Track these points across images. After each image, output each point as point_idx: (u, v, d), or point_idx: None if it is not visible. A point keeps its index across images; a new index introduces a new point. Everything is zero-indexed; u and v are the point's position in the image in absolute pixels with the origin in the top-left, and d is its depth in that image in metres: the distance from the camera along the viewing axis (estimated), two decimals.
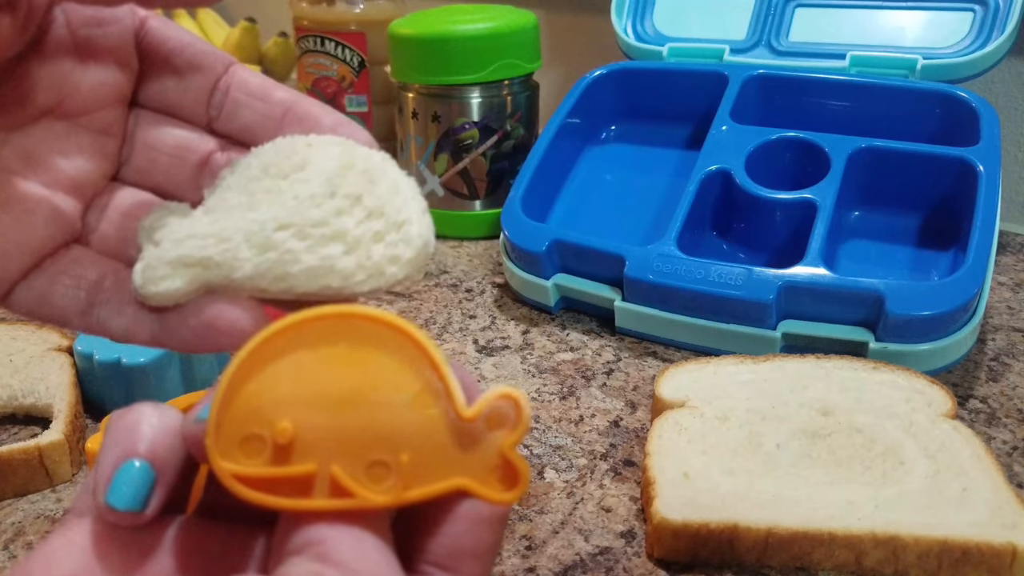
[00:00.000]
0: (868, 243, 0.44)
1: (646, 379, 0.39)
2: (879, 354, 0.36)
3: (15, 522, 0.30)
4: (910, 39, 0.47)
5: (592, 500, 0.31)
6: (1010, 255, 0.50)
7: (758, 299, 0.38)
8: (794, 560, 0.27)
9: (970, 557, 0.26)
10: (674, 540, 0.27)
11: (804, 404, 0.33)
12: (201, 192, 0.19)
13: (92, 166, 0.18)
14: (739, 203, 0.44)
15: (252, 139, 0.19)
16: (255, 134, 0.19)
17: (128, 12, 0.18)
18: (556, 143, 0.49)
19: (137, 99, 0.19)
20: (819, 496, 0.28)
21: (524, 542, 0.29)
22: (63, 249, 0.18)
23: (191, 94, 0.19)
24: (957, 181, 0.42)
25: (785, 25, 0.51)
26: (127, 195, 0.19)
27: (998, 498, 0.28)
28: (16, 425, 0.36)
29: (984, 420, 0.35)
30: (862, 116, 0.46)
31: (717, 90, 0.48)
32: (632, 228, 0.47)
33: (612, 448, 0.34)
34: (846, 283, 0.37)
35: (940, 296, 0.36)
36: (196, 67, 0.19)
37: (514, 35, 0.51)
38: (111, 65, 0.18)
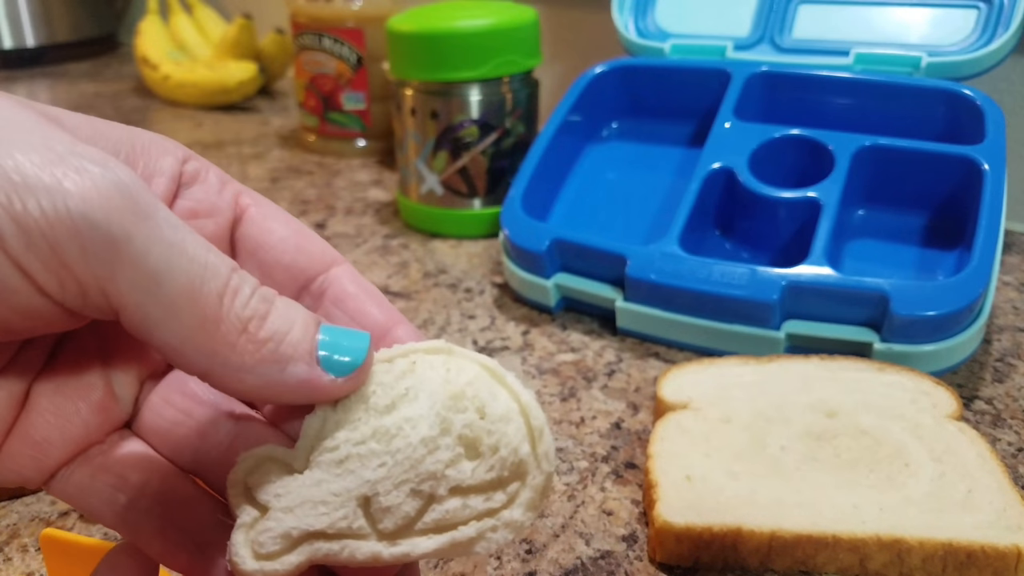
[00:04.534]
0: (873, 242, 0.43)
1: (648, 380, 0.38)
2: (884, 355, 0.36)
3: (10, 524, 0.30)
4: (915, 36, 0.47)
5: (593, 503, 0.31)
6: (1016, 255, 0.50)
7: (762, 299, 0.37)
8: (798, 564, 0.27)
9: (975, 560, 0.26)
10: (676, 544, 0.27)
11: (808, 406, 0.32)
12: None
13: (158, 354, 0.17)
14: (742, 202, 0.44)
15: None
16: None
17: (228, 202, 0.18)
18: (556, 141, 0.48)
19: None
20: (823, 499, 0.28)
21: (524, 546, 0.29)
22: (113, 436, 0.17)
23: None
24: (962, 180, 0.41)
25: (789, 22, 0.50)
26: (176, 381, 0.18)
27: (1003, 500, 0.27)
28: None
29: (990, 421, 0.35)
30: (866, 114, 0.45)
31: (720, 87, 0.48)
32: (634, 227, 0.47)
33: (613, 450, 0.34)
34: (850, 283, 0.37)
35: (945, 296, 0.35)
36: (285, 267, 0.18)
37: (514, 31, 0.51)
38: None
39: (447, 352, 0.17)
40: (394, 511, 0.16)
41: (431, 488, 0.16)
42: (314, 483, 0.16)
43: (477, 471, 0.16)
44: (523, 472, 0.16)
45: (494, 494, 0.16)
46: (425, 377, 0.16)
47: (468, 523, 0.16)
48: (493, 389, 0.16)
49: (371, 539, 0.16)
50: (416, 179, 0.55)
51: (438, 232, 0.55)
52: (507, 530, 0.16)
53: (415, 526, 0.16)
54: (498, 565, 0.28)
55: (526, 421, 0.16)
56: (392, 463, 0.16)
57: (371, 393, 0.16)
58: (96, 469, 0.17)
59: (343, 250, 0.53)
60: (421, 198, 0.55)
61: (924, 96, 0.44)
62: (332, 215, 0.58)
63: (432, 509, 0.16)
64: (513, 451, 0.16)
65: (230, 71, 0.83)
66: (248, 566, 0.15)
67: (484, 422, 0.16)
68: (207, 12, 0.96)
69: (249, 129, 0.79)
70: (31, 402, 0.16)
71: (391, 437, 0.16)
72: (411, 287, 0.48)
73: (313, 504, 0.16)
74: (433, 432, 0.16)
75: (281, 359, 0.15)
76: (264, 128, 0.79)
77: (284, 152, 0.72)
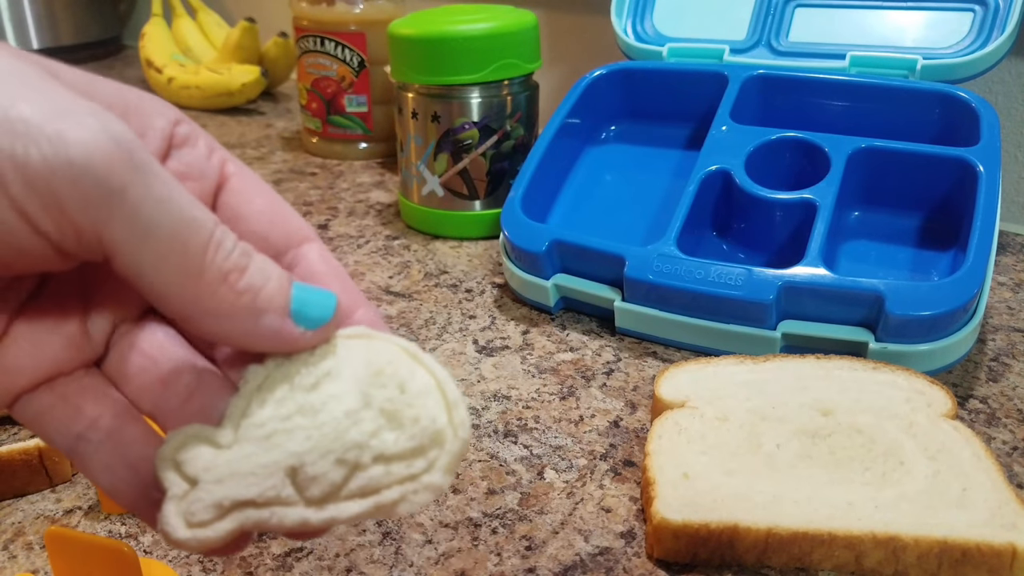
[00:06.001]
0: (868, 243, 0.44)
1: (646, 379, 0.39)
2: (879, 354, 0.36)
3: (15, 522, 0.30)
4: (910, 39, 0.47)
5: (592, 500, 0.31)
6: (1010, 255, 0.50)
7: (758, 299, 0.38)
8: (794, 561, 0.27)
9: (970, 558, 0.26)
10: (674, 540, 0.27)
11: (804, 404, 0.33)
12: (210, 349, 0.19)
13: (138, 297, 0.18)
14: (739, 203, 0.44)
15: None
16: None
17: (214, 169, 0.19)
18: (556, 143, 0.49)
19: None
20: (819, 496, 0.28)
21: (524, 542, 0.29)
22: (80, 371, 0.18)
23: None
24: (957, 181, 0.42)
25: (785, 25, 0.51)
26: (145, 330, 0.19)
27: (998, 498, 0.28)
28: (16, 425, 0.36)
29: (984, 420, 0.35)
30: (862, 116, 0.46)
31: (717, 90, 0.48)
32: (632, 228, 0.47)
33: (612, 448, 0.34)
34: (846, 283, 0.37)
35: (940, 296, 0.36)
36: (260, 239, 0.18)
37: (514, 35, 0.51)
38: None
39: (367, 336, 0.18)
40: (320, 479, 0.16)
41: (355, 457, 0.16)
42: (243, 456, 0.17)
43: (399, 440, 0.17)
44: (441, 440, 0.17)
45: (415, 461, 0.17)
46: (347, 358, 0.17)
47: (391, 487, 0.17)
48: (411, 367, 0.17)
49: (299, 506, 0.16)
50: (417, 181, 0.55)
51: (439, 233, 0.55)
52: (427, 492, 0.17)
53: (341, 492, 0.17)
54: (498, 561, 0.28)
55: (443, 395, 0.17)
56: (318, 436, 0.16)
57: (295, 373, 0.17)
58: (57, 397, 0.17)
59: (346, 251, 0.53)
60: (422, 200, 0.55)
61: (919, 98, 0.45)
62: (335, 216, 0.59)
63: (356, 476, 0.17)
64: (432, 420, 0.17)
65: (234, 74, 0.83)
66: (180, 534, 0.16)
67: (404, 396, 0.17)
68: (211, 15, 0.97)
69: (253, 131, 0.79)
70: (9, 332, 0.17)
71: (316, 412, 0.17)
72: (412, 287, 0.48)
73: (242, 475, 0.16)
74: (356, 406, 0.17)
75: (256, 310, 0.16)
76: (267, 130, 0.80)
77: (287, 154, 0.73)
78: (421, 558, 0.28)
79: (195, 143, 0.18)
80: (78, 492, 0.32)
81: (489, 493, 0.31)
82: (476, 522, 0.30)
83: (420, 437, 0.17)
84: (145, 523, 0.17)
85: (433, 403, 0.17)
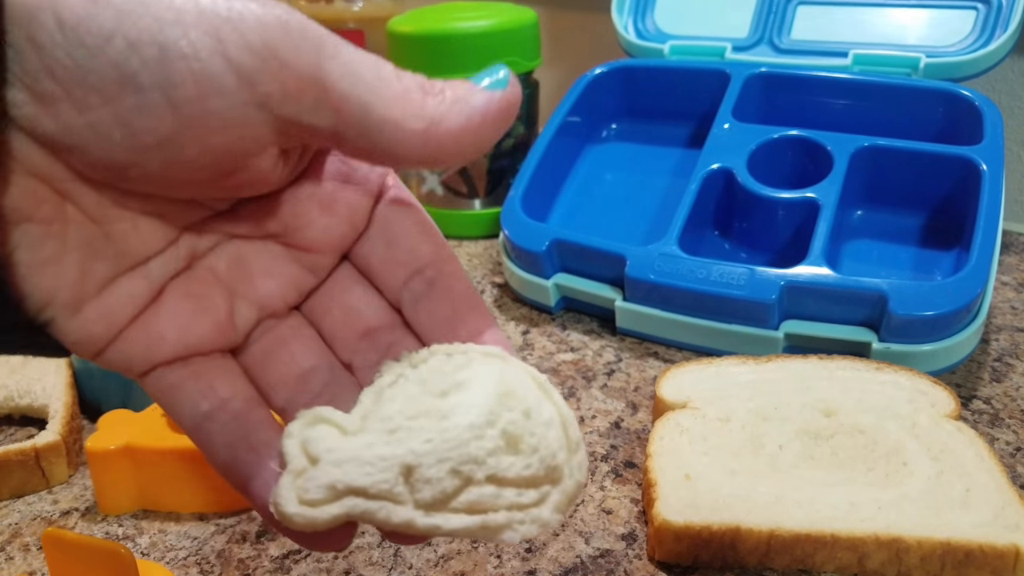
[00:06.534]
0: (871, 243, 0.44)
1: (647, 380, 0.39)
2: (882, 354, 0.36)
3: (12, 523, 0.30)
4: (913, 37, 0.47)
5: (593, 502, 0.31)
6: (1014, 255, 0.50)
7: (760, 299, 0.37)
8: (796, 562, 0.27)
9: (973, 559, 0.26)
10: (676, 542, 0.27)
11: (806, 405, 0.32)
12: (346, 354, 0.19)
13: (284, 293, 0.19)
14: (741, 202, 0.44)
15: (426, 336, 0.19)
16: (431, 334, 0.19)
17: (377, 177, 0.19)
18: (556, 142, 0.48)
19: (350, 252, 0.20)
20: (821, 497, 0.28)
21: (524, 544, 0.29)
22: (216, 354, 0.19)
23: (393, 271, 0.19)
24: (960, 180, 0.41)
25: (787, 23, 0.51)
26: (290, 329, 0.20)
27: (1001, 499, 0.27)
28: (12, 426, 0.36)
29: (988, 421, 0.35)
30: (865, 115, 0.45)
31: (719, 88, 0.48)
32: (633, 227, 0.47)
33: (613, 449, 0.34)
34: (849, 283, 0.37)
35: (943, 296, 0.35)
36: (409, 249, 0.19)
37: (513, 33, 0.51)
38: (344, 220, 0.19)
39: (502, 358, 0.18)
40: (433, 484, 0.16)
41: (470, 471, 0.17)
42: (364, 445, 0.17)
43: (515, 466, 0.17)
44: (557, 477, 0.17)
45: (527, 491, 0.17)
46: (479, 373, 0.18)
47: (499, 511, 0.17)
48: (539, 398, 0.18)
49: (408, 506, 0.17)
50: (417, 179, 0.55)
51: None
52: (534, 525, 0.17)
53: (450, 503, 0.17)
54: (498, 564, 0.28)
55: (565, 432, 0.17)
56: (439, 440, 0.17)
57: (429, 377, 0.18)
58: (191, 374, 0.18)
59: None
60: (422, 198, 0.55)
61: (922, 97, 0.44)
62: None
63: (468, 491, 0.17)
64: (551, 455, 0.17)
65: None
66: (290, 508, 0.16)
67: (528, 423, 0.17)
68: None
69: None
70: (161, 299, 0.18)
71: (441, 417, 0.17)
72: None
73: (360, 463, 0.16)
74: (480, 420, 0.17)
75: (462, 98, 0.17)
76: None
77: None
78: (420, 560, 0.28)
79: None
80: (75, 493, 0.32)
81: None
82: None
83: (536, 468, 0.17)
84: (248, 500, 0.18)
85: (555, 437, 0.17)
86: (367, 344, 0.19)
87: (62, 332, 0.17)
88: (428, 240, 0.20)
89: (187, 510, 0.30)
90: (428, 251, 0.19)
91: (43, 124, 0.15)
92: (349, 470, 0.16)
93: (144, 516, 0.30)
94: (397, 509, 0.16)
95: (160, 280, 0.18)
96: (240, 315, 0.19)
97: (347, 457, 0.16)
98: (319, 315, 0.20)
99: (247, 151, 0.16)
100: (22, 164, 0.15)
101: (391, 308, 0.20)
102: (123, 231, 0.17)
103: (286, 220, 0.19)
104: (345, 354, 0.20)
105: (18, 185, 0.15)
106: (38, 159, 0.15)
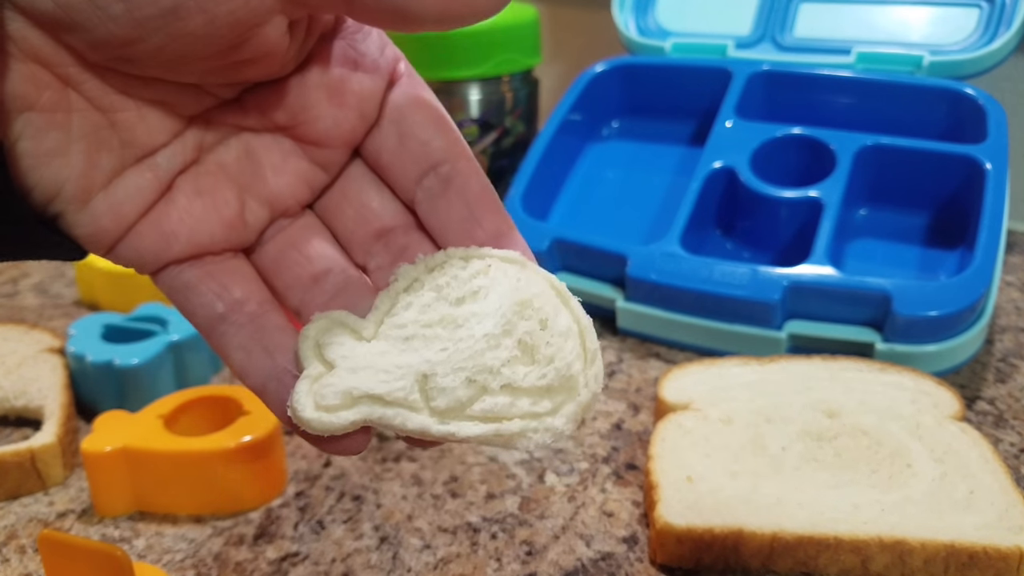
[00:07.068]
0: (874, 242, 0.43)
1: (649, 381, 0.38)
2: (886, 355, 0.36)
3: (7, 525, 0.30)
4: (916, 35, 0.47)
5: (594, 504, 0.30)
6: (1018, 254, 0.50)
7: (763, 299, 0.37)
8: (799, 565, 0.27)
9: (977, 561, 0.26)
10: (677, 545, 0.27)
11: (809, 406, 0.32)
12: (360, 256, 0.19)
13: (295, 191, 0.19)
14: (744, 201, 0.44)
15: (441, 238, 0.19)
16: (446, 235, 0.19)
17: (387, 64, 0.19)
18: (557, 140, 0.48)
19: (361, 146, 0.19)
20: (824, 499, 0.28)
21: (524, 547, 0.28)
22: (228, 253, 0.18)
23: (407, 167, 0.19)
24: (964, 179, 0.41)
25: (790, 20, 0.50)
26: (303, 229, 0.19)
27: (1006, 501, 0.27)
28: (7, 427, 0.35)
29: (992, 422, 0.35)
30: (868, 113, 0.45)
31: (721, 86, 0.48)
32: (634, 227, 0.46)
33: (614, 451, 0.33)
34: (852, 283, 0.37)
35: (947, 296, 0.35)
36: (423, 142, 0.19)
37: (514, 30, 0.51)
38: (353, 110, 0.18)
39: (520, 264, 0.18)
40: (448, 393, 0.16)
41: (485, 380, 0.17)
42: (379, 352, 0.17)
43: (530, 376, 0.17)
44: (572, 387, 0.17)
45: (541, 400, 0.17)
46: (497, 280, 0.17)
47: (512, 419, 0.17)
48: (557, 306, 0.17)
49: (423, 413, 0.17)
50: None
51: None
52: (547, 434, 0.17)
53: (465, 411, 0.17)
54: (498, 567, 0.28)
55: (582, 342, 0.17)
56: (454, 349, 0.17)
57: (445, 284, 0.17)
58: (205, 274, 0.18)
59: None
60: None
61: (926, 95, 0.44)
62: None
63: (483, 400, 0.17)
64: (567, 365, 0.17)
65: None
66: (307, 413, 0.16)
67: (544, 333, 0.17)
68: None
69: None
70: (171, 195, 0.18)
71: (457, 326, 0.17)
72: None
73: (376, 371, 0.16)
74: (496, 331, 0.17)
75: None
76: None
77: None
78: (419, 563, 0.28)
79: (368, 32, 0.18)
80: (71, 495, 0.31)
81: (489, 497, 0.31)
82: (475, 527, 0.29)
83: (551, 378, 0.17)
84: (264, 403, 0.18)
85: (571, 348, 0.17)
86: (381, 246, 0.19)
87: (71, 226, 0.16)
88: (442, 134, 0.19)
89: (184, 512, 0.30)
90: (442, 145, 0.19)
91: (40, 2, 0.14)
92: (365, 377, 0.16)
93: (140, 518, 0.30)
94: (412, 416, 0.16)
95: (168, 173, 0.17)
96: (251, 212, 0.18)
97: (363, 364, 0.17)
98: (332, 215, 0.19)
99: (252, 21, 0.15)
100: (21, 48, 0.15)
101: (405, 208, 0.19)
102: (129, 120, 0.16)
103: (294, 110, 0.18)
104: (359, 255, 0.19)
105: (18, 71, 0.15)
106: (38, 42, 0.15)
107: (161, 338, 0.36)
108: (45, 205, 0.16)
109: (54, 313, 0.46)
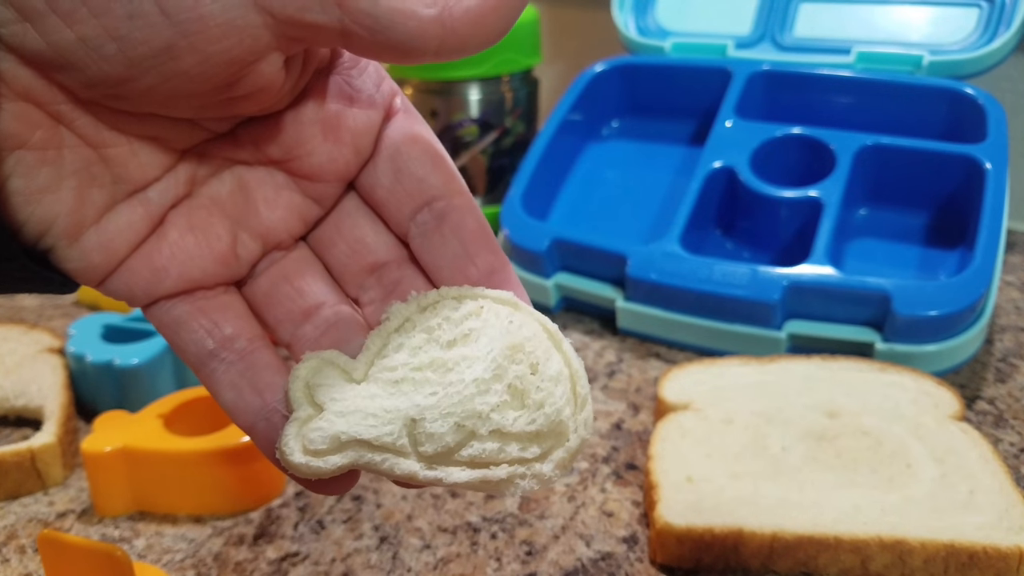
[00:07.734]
0: (874, 242, 0.43)
1: (649, 381, 0.38)
2: (886, 355, 0.36)
3: (7, 525, 0.30)
4: (916, 35, 0.47)
5: (594, 504, 0.30)
6: (1018, 254, 0.50)
7: (763, 299, 0.37)
8: (799, 565, 0.27)
9: (977, 561, 0.26)
10: (677, 545, 0.27)
11: (810, 406, 0.32)
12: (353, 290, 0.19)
13: (288, 224, 0.19)
14: (743, 201, 0.44)
15: (435, 274, 0.19)
16: (440, 272, 0.18)
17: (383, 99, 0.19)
18: (557, 140, 0.48)
19: (356, 180, 0.19)
20: (825, 500, 0.28)
21: (524, 547, 0.28)
22: (220, 288, 0.18)
23: (401, 202, 0.19)
24: (964, 179, 0.41)
25: (790, 20, 0.50)
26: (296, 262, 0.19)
27: (1006, 501, 0.27)
28: (7, 427, 0.35)
29: (992, 422, 0.35)
30: (868, 112, 0.45)
31: (721, 86, 0.48)
32: (634, 226, 0.46)
33: (614, 451, 0.33)
34: (852, 283, 0.37)
35: (947, 296, 0.35)
36: (418, 178, 0.18)
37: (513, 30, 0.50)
38: (348, 146, 0.18)
39: (513, 305, 0.18)
40: (436, 438, 0.16)
41: (474, 426, 0.16)
42: (369, 396, 0.17)
43: (519, 421, 0.17)
44: (561, 432, 0.17)
45: (530, 446, 0.17)
46: (489, 323, 0.17)
47: (501, 465, 0.17)
48: (549, 350, 0.17)
49: (411, 458, 0.17)
50: None
51: None
52: (535, 480, 0.17)
53: (453, 456, 0.17)
54: (498, 567, 0.28)
55: (573, 387, 0.17)
56: (443, 394, 0.17)
57: (436, 326, 0.17)
58: (196, 309, 0.18)
59: None
60: None
61: (926, 95, 0.44)
62: None
63: (471, 445, 0.17)
64: (556, 411, 0.17)
65: None
66: (295, 458, 0.16)
67: (535, 378, 0.17)
68: None
69: None
70: (163, 229, 0.18)
71: (447, 370, 0.17)
72: None
73: (364, 415, 0.16)
74: (486, 375, 0.17)
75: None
76: None
77: None
78: (419, 563, 0.28)
79: (365, 67, 0.18)
80: (71, 495, 0.31)
81: (488, 497, 0.31)
82: (475, 527, 0.29)
83: (541, 423, 0.17)
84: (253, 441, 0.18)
85: (561, 393, 0.17)
86: (374, 280, 0.19)
87: (62, 260, 0.16)
88: (438, 170, 0.19)
89: (184, 512, 0.30)
90: (437, 182, 0.19)
91: (31, 42, 0.14)
92: (354, 421, 0.16)
93: (140, 518, 0.30)
94: (400, 461, 0.16)
95: (160, 208, 0.17)
96: (243, 246, 0.18)
97: (352, 408, 0.16)
98: (325, 248, 0.19)
99: (247, 58, 0.15)
100: (12, 87, 0.15)
101: (399, 242, 0.19)
102: (120, 155, 0.16)
103: (288, 144, 0.18)
104: (352, 289, 0.19)
105: (9, 110, 0.15)
106: (29, 81, 0.15)
107: (161, 338, 0.36)
108: (36, 240, 0.16)
109: (54, 313, 0.46)
